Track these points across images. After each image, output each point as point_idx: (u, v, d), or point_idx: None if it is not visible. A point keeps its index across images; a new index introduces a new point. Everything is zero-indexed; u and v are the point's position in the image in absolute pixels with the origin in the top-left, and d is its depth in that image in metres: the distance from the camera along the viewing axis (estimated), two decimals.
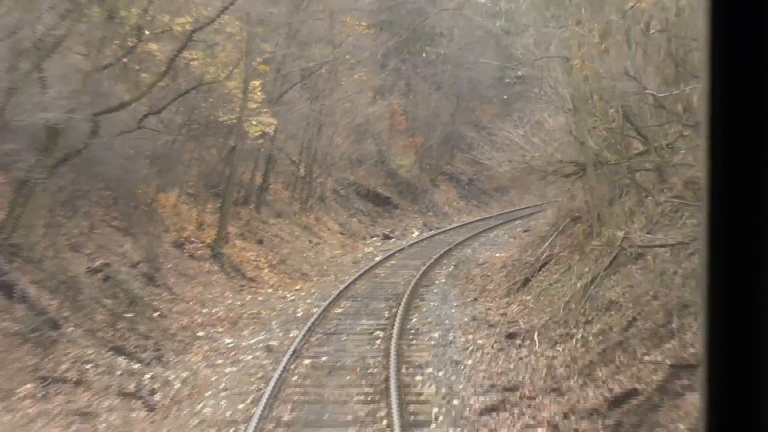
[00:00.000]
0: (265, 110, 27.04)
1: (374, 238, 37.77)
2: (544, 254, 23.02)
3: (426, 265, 27.35)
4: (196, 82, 23.17)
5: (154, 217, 23.77)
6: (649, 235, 13.94)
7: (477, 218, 45.80)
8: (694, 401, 10.29)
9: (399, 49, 47.27)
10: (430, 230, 41.08)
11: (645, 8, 15.13)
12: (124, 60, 21.32)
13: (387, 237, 38.29)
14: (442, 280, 25.45)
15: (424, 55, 49.11)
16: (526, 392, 13.72)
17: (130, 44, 20.91)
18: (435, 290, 23.71)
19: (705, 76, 1.77)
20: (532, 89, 25.19)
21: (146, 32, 21.55)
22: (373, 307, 20.70)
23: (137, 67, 23.19)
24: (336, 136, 38.53)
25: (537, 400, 13.34)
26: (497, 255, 30.12)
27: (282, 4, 28.05)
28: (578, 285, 17.47)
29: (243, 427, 11.33)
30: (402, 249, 32.76)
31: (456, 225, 43.05)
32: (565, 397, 13.07)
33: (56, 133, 16.36)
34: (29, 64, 14.86)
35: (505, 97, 35.43)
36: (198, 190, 27.15)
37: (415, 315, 19.89)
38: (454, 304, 21.93)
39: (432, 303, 21.75)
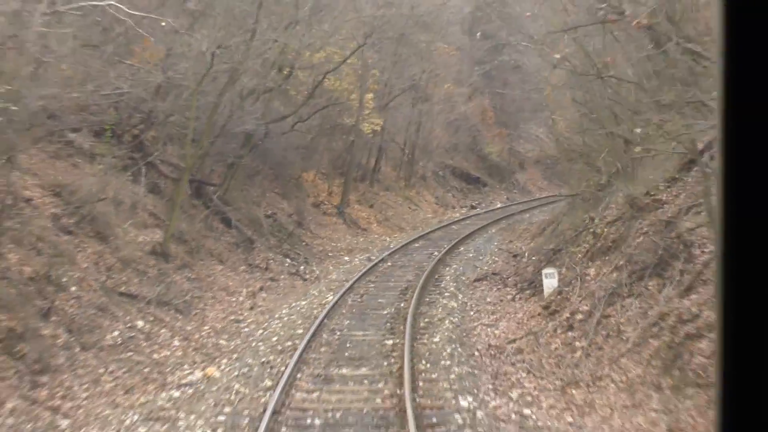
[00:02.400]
0: (375, 115, 39.05)
1: (463, 208, 49.26)
2: (558, 212, 34.04)
3: (488, 223, 38.78)
4: (327, 99, 35.27)
5: (300, 187, 36.20)
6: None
7: (553, 194, 56.35)
8: (562, 259, 21.56)
9: (490, 54, 58.13)
10: (511, 203, 52.16)
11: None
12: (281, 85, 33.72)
13: (473, 207, 49.73)
14: (494, 231, 36.84)
15: (512, 61, 59.91)
16: (504, 275, 25.18)
17: (285, 74, 33.24)
18: (485, 235, 35.18)
19: (720, 82, 1.76)
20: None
21: (296, 65, 33.83)
22: (439, 243, 32.36)
23: (288, 87, 35.60)
24: (435, 129, 50.26)
25: (507, 279, 24.77)
26: (545, 218, 41.01)
27: (389, 39, 39.81)
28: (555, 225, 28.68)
29: (351, 282, 23.26)
30: (478, 214, 44.28)
31: (532, 199, 53.90)
32: (520, 275, 24.45)
33: (249, 136, 28.88)
34: (239, 99, 27.26)
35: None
36: (328, 171, 39.52)
37: (463, 246, 31.53)
38: (494, 243, 33.32)
39: (479, 241, 33.30)
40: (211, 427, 11.30)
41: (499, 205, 50.77)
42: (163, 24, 18.60)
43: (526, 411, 12.11)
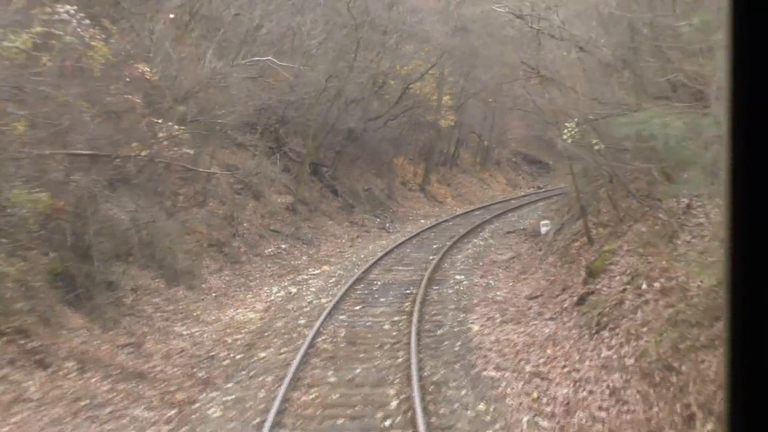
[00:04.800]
0: (451, 113, 49.58)
1: (529, 189, 59.19)
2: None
3: (541, 198, 48.78)
4: (414, 102, 45.95)
5: (391, 169, 47.12)
6: None
7: None
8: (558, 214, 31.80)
9: None
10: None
11: None
12: (377, 91, 44.65)
13: (538, 188, 59.52)
14: (542, 204, 46.79)
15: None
16: (528, 230, 35.36)
17: (379, 83, 44.17)
18: (533, 206, 45.23)
19: (726, 75, 1.81)
20: None
21: (388, 76, 44.69)
22: (494, 211, 42.69)
23: (382, 92, 46.51)
24: (508, 122, 60.29)
25: (530, 232, 34.94)
26: None
27: (462, 55, 50.17)
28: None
29: (418, 231, 33.93)
30: (538, 193, 54.24)
31: None
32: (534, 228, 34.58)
33: (352, 131, 39.96)
34: (344, 106, 38.28)
35: None
36: (414, 157, 50.32)
37: (511, 213, 41.85)
38: (539, 212, 43.35)
39: (525, 210, 43.49)
40: (326, 282, 22.40)
41: (561, 186, 60.36)
42: (294, 67, 29.76)
43: (491, 282, 22.71)
